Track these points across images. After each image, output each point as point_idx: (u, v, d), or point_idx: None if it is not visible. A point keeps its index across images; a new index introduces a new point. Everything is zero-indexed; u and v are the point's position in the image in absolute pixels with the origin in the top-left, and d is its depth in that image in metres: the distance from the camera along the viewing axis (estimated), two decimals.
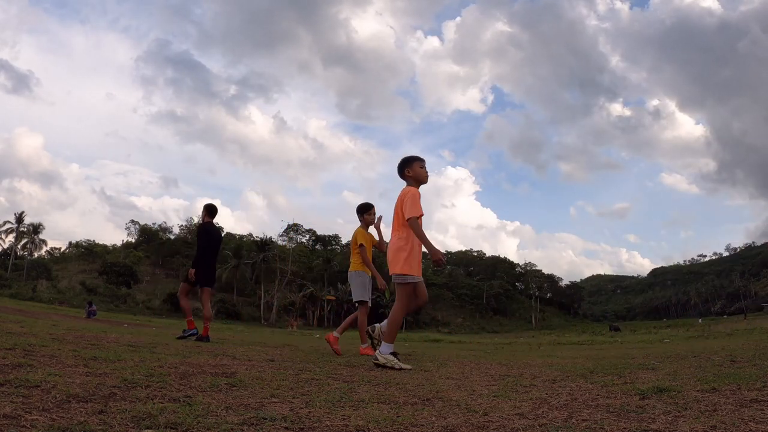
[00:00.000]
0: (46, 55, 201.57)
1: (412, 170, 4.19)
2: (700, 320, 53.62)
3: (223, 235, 7.89)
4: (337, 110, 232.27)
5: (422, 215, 4.02)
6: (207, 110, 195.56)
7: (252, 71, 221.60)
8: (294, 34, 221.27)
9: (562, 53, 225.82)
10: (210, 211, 7.34)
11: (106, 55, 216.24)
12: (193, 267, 6.96)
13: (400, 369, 3.74)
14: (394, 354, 3.91)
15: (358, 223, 5.96)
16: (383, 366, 3.80)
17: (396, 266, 3.99)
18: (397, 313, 4.02)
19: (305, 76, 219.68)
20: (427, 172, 4.24)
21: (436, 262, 3.85)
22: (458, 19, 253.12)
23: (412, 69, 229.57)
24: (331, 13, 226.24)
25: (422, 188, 4.30)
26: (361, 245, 5.88)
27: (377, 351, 4.00)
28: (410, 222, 3.95)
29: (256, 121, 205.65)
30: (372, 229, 5.98)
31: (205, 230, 7.20)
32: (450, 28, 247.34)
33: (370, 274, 5.97)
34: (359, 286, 5.85)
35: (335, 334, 5.64)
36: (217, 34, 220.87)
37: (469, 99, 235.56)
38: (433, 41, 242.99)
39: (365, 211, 5.96)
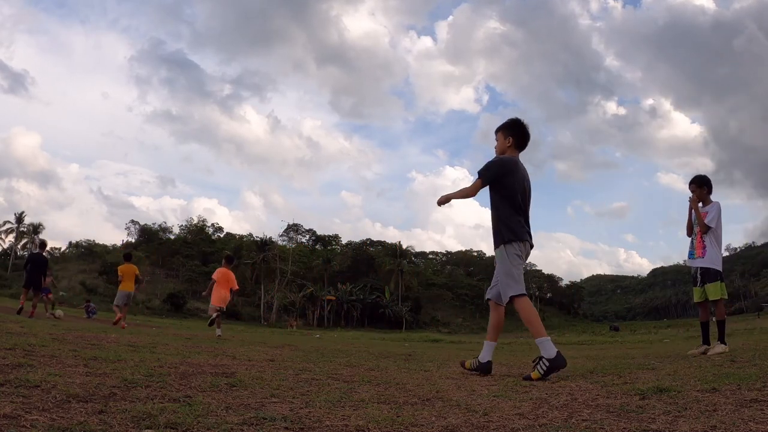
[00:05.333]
0: (42, 55, 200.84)
1: None
2: (712, 318, 53.09)
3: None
4: (332, 109, 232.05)
5: None
6: (201, 110, 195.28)
7: (246, 70, 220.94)
8: (287, 32, 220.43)
9: (555, 51, 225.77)
10: (42, 244, 12.77)
11: (101, 55, 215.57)
12: (26, 279, 11.62)
13: None
14: None
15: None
16: None
17: None
18: None
19: (299, 75, 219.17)
20: None
21: None
22: (450, 18, 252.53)
23: (406, 69, 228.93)
24: (321, 10, 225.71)
25: (419, 188, 4.17)
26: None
27: None
28: None
29: (251, 121, 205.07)
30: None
31: (31, 258, 11.89)
32: (443, 27, 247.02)
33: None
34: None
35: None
36: (210, 34, 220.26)
37: (464, 98, 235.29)
38: (427, 41, 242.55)
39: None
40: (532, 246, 3.75)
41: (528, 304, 3.55)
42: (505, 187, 3.70)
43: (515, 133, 3.83)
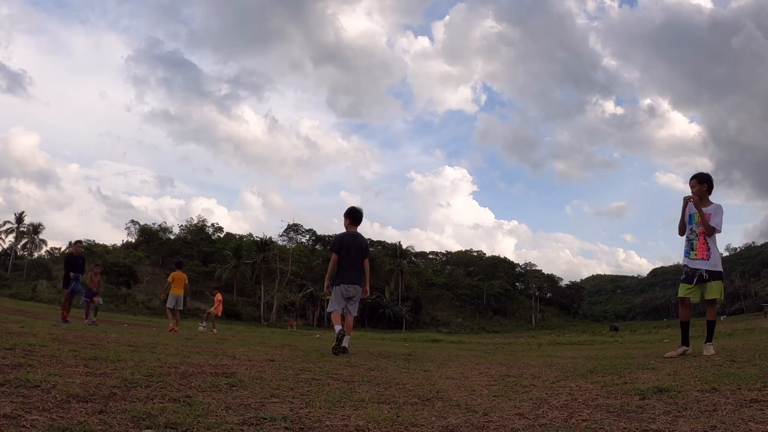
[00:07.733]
0: (40, 55, 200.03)
1: None
2: (722, 318, 52.77)
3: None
4: (330, 109, 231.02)
5: None
6: (199, 109, 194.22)
7: (243, 69, 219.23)
8: (283, 32, 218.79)
9: (553, 50, 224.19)
10: (77, 243, 13.43)
11: (99, 55, 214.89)
12: (64, 281, 12.00)
13: None
14: None
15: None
16: None
17: None
18: None
19: (296, 75, 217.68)
20: None
21: None
22: (447, 18, 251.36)
23: (404, 69, 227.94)
24: (318, 9, 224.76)
25: (417, 188, 4.31)
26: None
27: None
28: None
29: (249, 120, 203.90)
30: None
31: (70, 259, 12.32)
32: (439, 27, 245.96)
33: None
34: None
35: None
36: (207, 33, 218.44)
37: (462, 98, 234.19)
38: (424, 41, 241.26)
39: None
40: (352, 283, 5.76)
41: (335, 317, 5.67)
42: (339, 253, 5.84)
43: (348, 216, 6.00)
